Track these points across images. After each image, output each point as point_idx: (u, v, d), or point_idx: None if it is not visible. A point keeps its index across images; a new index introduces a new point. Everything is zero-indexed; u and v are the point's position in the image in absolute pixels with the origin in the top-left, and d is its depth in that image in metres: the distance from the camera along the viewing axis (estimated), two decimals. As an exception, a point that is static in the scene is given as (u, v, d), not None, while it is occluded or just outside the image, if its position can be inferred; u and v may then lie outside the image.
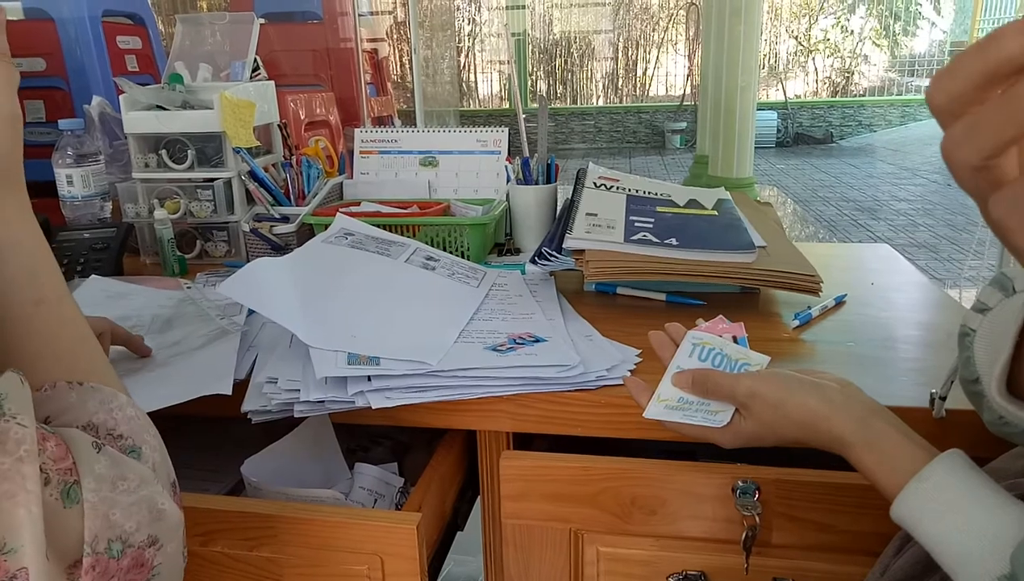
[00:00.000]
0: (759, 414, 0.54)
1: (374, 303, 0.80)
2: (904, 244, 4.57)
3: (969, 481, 0.46)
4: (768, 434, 0.55)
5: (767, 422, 0.54)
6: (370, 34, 4.24)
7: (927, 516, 0.45)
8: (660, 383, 0.59)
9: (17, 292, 0.45)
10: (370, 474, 0.71)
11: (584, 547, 0.66)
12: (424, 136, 1.27)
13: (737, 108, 5.02)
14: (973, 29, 9.27)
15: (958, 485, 0.45)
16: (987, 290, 0.52)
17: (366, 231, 0.96)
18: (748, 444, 0.56)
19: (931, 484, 0.46)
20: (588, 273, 0.84)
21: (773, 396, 0.53)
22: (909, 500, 0.46)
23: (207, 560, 0.62)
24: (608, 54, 10.74)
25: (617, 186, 1.06)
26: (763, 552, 0.62)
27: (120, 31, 1.93)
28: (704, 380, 0.57)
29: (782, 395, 0.53)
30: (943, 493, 0.46)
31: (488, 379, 0.68)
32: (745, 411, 0.55)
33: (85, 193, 1.16)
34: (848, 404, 0.52)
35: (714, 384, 0.56)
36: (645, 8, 10.69)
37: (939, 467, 0.46)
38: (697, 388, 0.57)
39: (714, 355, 0.59)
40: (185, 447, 0.83)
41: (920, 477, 0.46)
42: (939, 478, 0.46)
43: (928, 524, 0.45)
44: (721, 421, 0.56)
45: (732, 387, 0.55)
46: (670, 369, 0.60)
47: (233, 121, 1.11)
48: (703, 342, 0.60)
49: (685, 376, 0.58)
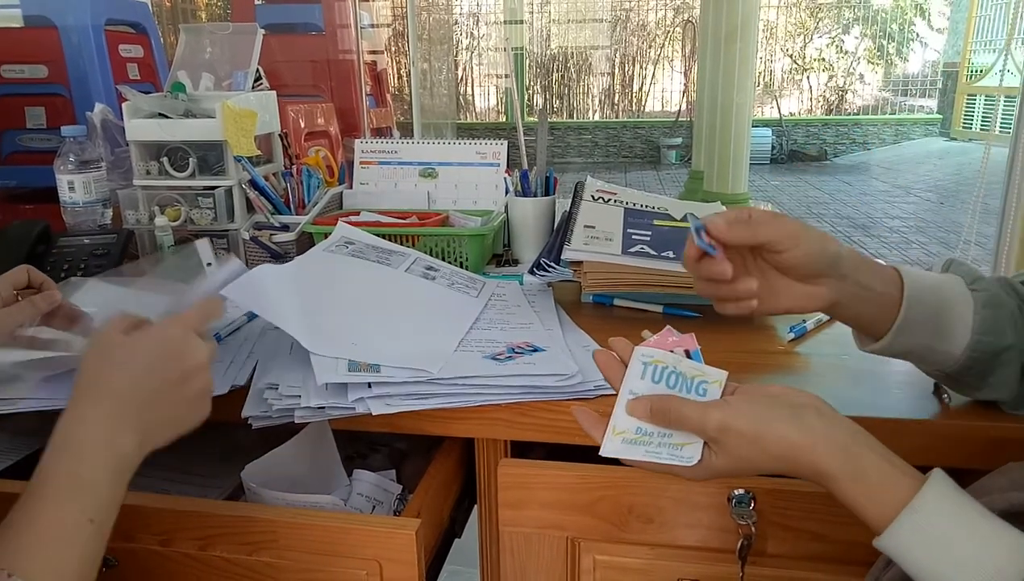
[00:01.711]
0: (733, 449, 0.50)
1: (375, 311, 0.80)
2: (897, 261, 4.58)
3: (959, 509, 0.46)
4: (744, 468, 0.51)
5: (742, 456, 0.50)
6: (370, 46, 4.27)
7: (918, 548, 0.45)
8: (613, 412, 0.53)
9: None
10: (369, 481, 0.72)
11: (581, 555, 0.67)
12: (423, 148, 1.28)
13: (732, 125, 5.07)
14: (965, 50, 9.38)
15: (949, 515, 0.45)
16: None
17: (367, 240, 0.97)
18: (721, 477, 0.52)
19: (922, 516, 0.45)
20: (586, 284, 0.85)
21: (749, 430, 0.49)
22: (901, 532, 0.46)
23: (206, 565, 0.62)
24: (605, 69, 10.84)
25: (614, 199, 1.07)
26: (758, 561, 0.62)
27: (122, 40, 1.95)
28: (665, 411, 0.51)
29: (758, 428, 0.49)
30: (935, 525, 0.45)
31: (487, 387, 0.68)
32: (716, 446, 0.50)
33: (86, 199, 1.16)
34: (829, 432, 0.49)
35: (677, 415, 0.51)
36: (642, 25, 10.80)
37: (928, 496, 0.46)
38: (657, 418, 0.51)
39: (668, 374, 0.53)
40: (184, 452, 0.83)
41: (911, 508, 0.45)
42: (930, 508, 0.45)
43: (920, 556, 0.45)
44: (690, 459, 0.50)
45: (700, 420, 0.50)
46: (622, 395, 0.53)
47: (235, 130, 1.12)
48: (654, 360, 0.53)
49: (642, 404, 0.52)
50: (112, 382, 0.53)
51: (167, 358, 0.56)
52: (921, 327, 0.59)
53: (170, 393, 0.55)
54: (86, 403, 0.52)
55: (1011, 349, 0.59)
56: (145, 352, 0.55)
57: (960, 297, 0.59)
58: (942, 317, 0.59)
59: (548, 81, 10.81)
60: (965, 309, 0.59)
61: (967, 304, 0.59)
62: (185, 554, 0.63)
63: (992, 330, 0.58)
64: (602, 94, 10.98)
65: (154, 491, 0.66)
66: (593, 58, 10.79)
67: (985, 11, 9.18)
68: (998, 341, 0.58)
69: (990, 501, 0.49)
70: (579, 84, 10.90)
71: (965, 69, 9.35)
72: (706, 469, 0.51)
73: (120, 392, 0.53)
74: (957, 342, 0.59)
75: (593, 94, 11.00)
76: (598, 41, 10.77)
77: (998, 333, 0.58)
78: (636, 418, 0.52)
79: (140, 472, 0.53)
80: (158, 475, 0.80)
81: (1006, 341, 0.59)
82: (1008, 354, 0.59)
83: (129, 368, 0.54)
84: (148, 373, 0.54)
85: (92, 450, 0.50)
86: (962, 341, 0.59)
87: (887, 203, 6.68)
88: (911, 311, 0.58)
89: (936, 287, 0.59)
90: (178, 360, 0.56)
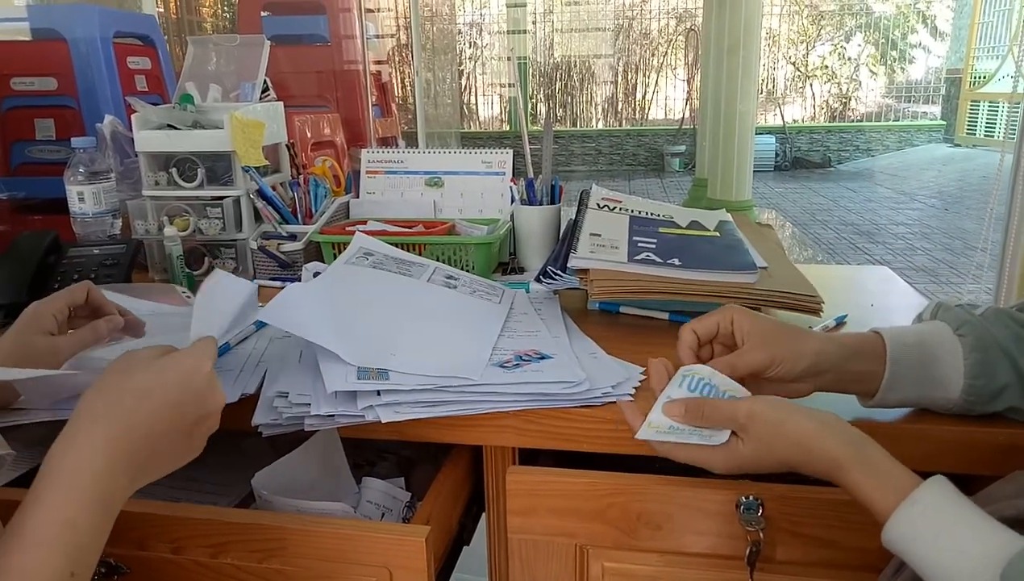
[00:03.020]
0: (757, 434, 0.55)
1: (406, 322, 0.81)
2: (902, 267, 4.59)
3: (957, 505, 0.48)
4: (766, 455, 0.55)
5: (765, 441, 0.55)
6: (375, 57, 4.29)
7: (919, 538, 0.47)
8: (650, 412, 0.59)
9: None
10: (377, 488, 0.72)
11: (590, 562, 0.67)
12: (429, 157, 1.29)
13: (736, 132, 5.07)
14: (968, 56, 9.38)
15: (947, 508, 0.47)
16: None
17: (385, 251, 0.97)
18: (742, 468, 0.56)
19: (921, 507, 0.48)
20: (592, 292, 0.86)
21: (772, 416, 0.55)
22: (901, 522, 0.48)
23: (217, 572, 0.63)
24: (608, 78, 10.86)
25: (620, 207, 1.07)
26: (767, 568, 0.62)
27: (131, 52, 1.97)
28: (699, 408, 0.57)
29: (781, 415, 0.54)
30: (934, 515, 0.47)
31: (495, 395, 0.69)
32: (743, 433, 0.56)
33: (96, 210, 1.18)
34: (842, 427, 0.54)
35: (711, 409, 0.56)
36: (645, 33, 10.83)
37: (928, 492, 0.48)
38: (691, 416, 0.57)
39: (703, 386, 0.59)
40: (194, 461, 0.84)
41: (912, 500, 0.48)
42: (929, 501, 0.48)
43: (920, 546, 0.47)
44: (719, 440, 0.57)
45: (732, 410, 0.56)
46: (660, 399, 0.59)
47: (243, 140, 1.13)
48: (693, 373, 0.60)
49: (677, 406, 0.58)
50: (123, 405, 0.50)
51: (191, 395, 0.53)
52: (910, 381, 0.62)
53: (179, 433, 0.52)
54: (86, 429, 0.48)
55: (1008, 387, 0.61)
56: (170, 384, 0.52)
57: (947, 345, 0.62)
58: (930, 369, 0.62)
59: (551, 90, 10.85)
60: (954, 357, 0.62)
61: (955, 352, 0.62)
62: (196, 561, 0.63)
63: (983, 373, 0.61)
64: (605, 102, 11.01)
65: (165, 499, 0.67)
66: (596, 67, 10.82)
67: (988, 17, 9.19)
68: (991, 383, 0.61)
69: (998, 508, 0.49)
70: (582, 93, 10.93)
71: (968, 75, 9.34)
72: (730, 454, 0.56)
73: (129, 421, 0.49)
74: (952, 389, 0.62)
75: (596, 103, 11.02)
76: (601, 50, 10.80)
77: (990, 375, 0.61)
78: (670, 418, 0.58)
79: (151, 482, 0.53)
80: (169, 483, 0.80)
81: (1000, 381, 0.61)
82: (1007, 391, 0.61)
83: (150, 397, 0.51)
84: (168, 408, 0.51)
85: (83, 487, 0.46)
86: (956, 387, 0.62)
87: (891, 210, 6.67)
88: (896, 369, 0.62)
89: (920, 342, 0.62)
90: (201, 402, 0.54)
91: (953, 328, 0.63)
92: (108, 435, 0.48)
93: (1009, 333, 0.62)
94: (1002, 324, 0.62)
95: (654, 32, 10.83)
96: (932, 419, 0.65)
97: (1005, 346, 0.61)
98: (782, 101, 10.49)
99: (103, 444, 0.47)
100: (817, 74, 10.82)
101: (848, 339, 0.63)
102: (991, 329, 0.62)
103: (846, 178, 8.71)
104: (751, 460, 0.56)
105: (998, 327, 0.62)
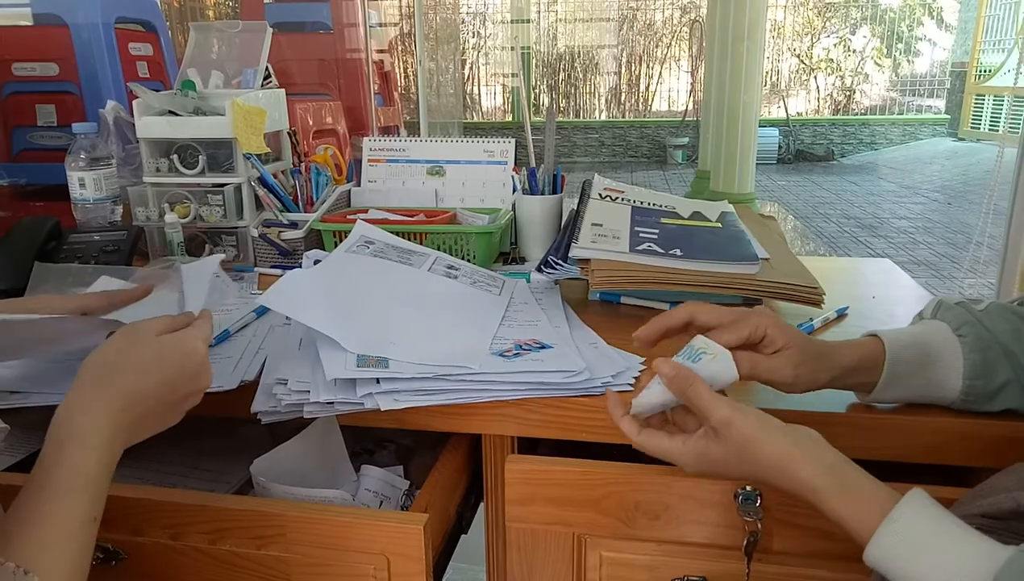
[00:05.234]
0: (730, 442, 0.53)
1: (408, 311, 0.81)
2: (904, 261, 4.58)
3: (937, 519, 0.47)
4: (736, 466, 0.54)
5: (738, 454, 0.53)
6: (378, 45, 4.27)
7: (902, 555, 0.47)
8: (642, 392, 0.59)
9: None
10: (376, 476, 0.72)
11: (587, 551, 0.67)
12: (431, 146, 1.28)
13: (739, 124, 5.06)
14: (974, 50, 9.33)
15: (928, 523, 0.47)
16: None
17: (386, 239, 0.97)
18: (712, 474, 0.55)
19: (902, 525, 0.47)
20: (593, 282, 0.86)
21: (748, 429, 0.53)
22: (883, 542, 0.47)
23: (215, 559, 0.63)
24: (611, 69, 10.81)
25: (622, 198, 1.07)
26: (764, 558, 0.62)
27: (132, 38, 1.96)
28: (687, 379, 0.55)
29: (755, 430, 0.53)
30: (915, 532, 0.47)
31: (495, 383, 0.69)
32: (716, 436, 0.54)
33: (97, 196, 1.17)
34: (818, 451, 0.52)
35: (695, 393, 0.55)
36: (649, 24, 10.77)
37: (907, 508, 0.48)
38: (675, 384, 0.55)
39: (688, 349, 0.59)
40: (193, 447, 0.84)
41: (891, 518, 0.47)
42: (909, 518, 0.47)
43: (903, 563, 0.46)
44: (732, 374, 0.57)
45: (711, 404, 0.54)
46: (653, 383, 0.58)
47: (244, 127, 1.13)
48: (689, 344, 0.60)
49: (670, 365, 0.56)
50: (126, 380, 0.55)
51: (185, 376, 0.59)
52: (908, 380, 0.63)
53: (167, 404, 0.58)
54: (94, 394, 0.54)
55: (1007, 385, 0.61)
56: (168, 364, 0.58)
57: (947, 345, 0.62)
58: (929, 370, 0.62)
59: (555, 80, 10.80)
60: (953, 358, 0.62)
61: (954, 352, 0.62)
62: (194, 548, 0.63)
63: (982, 374, 0.61)
64: (608, 94, 10.96)
65: (163, 485, 0.67)
66: (600, 57, 10.77)
67: (994, 11, 9.13)
68: (990, 383, 0.61)
69: (996, 501, 0.49)
70: (585, 83, 10.89)
71: (974, 69, 9.29)
72: (703, 457, 0.55)
73: (131, 394, 0.55)
74: (951, 388, 0.62)
75: (599, 93, 10.98)
76: (605, 40, 10.75)
77: (989, 376, 0.61)
78: (660, 373, 0.56)
79: (149, 467, 0.54)
80: (167, 469, 0.80)
81: (999, 381, 0.61)
82: (1006, 389, 0.61)
83: (149, 374, 0.56)
84: (163, 385, 0.57)
85: (98, 446, 0.52)
86: (955, 388, 0.62)
87: (894, 203, 6.65)
88: (894, 368, 0.62)
89: (919, 342, 0.62)
90: (193, 381, 0.60)
91: (953, 328, 0.62)
92: (113, 404, 0.54)
93: (1010, 327, 0.61)
94: (1003, 319, 0.62)
95: (658, 23, 10.77)
96: (932, 411, 0.65)
97: (1005, 343, 0.61)
98: (786, 94, 10.45)
99: (111, 411, 0.54)
100: (822, 67, 10.77)
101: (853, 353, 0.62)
102: (992, 326, 0.61)
103: (849, 171, 8.68)
104: (722, 467, 0.54)
105: (999, 322, 0.62)
